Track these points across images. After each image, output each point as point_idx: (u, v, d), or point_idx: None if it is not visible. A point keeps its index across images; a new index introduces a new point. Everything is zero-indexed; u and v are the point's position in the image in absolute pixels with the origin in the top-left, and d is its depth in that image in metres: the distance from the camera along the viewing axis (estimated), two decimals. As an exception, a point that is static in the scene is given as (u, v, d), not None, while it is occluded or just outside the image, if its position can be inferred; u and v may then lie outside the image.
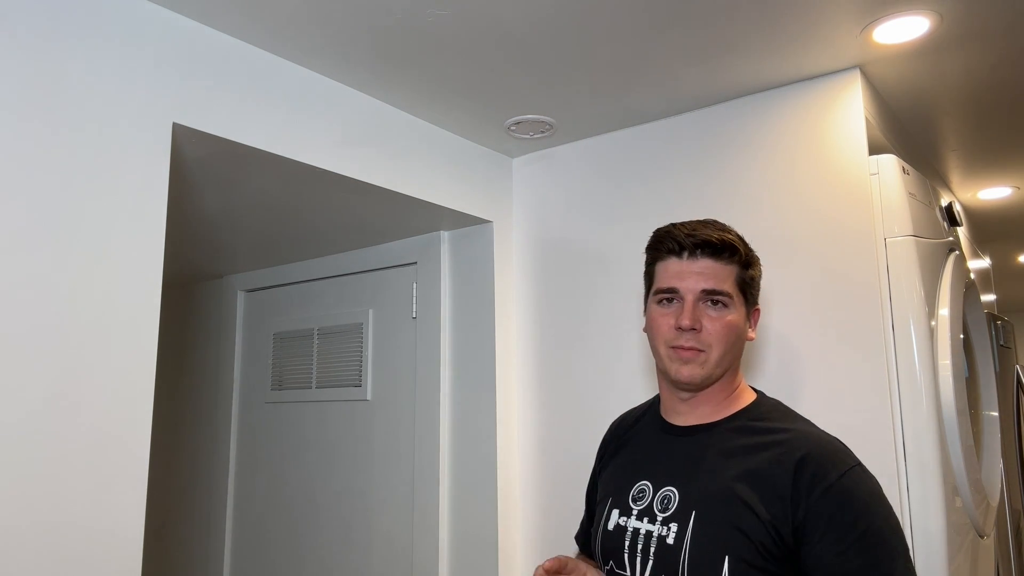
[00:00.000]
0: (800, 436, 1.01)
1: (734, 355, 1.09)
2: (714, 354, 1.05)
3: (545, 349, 2.04)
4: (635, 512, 1.08)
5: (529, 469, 2.03)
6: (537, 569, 1.06)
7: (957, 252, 1.87)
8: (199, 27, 1.40)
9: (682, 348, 1.06)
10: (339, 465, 2.30)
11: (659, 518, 1.04)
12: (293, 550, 2.39)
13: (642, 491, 1.10)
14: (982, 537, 1.73)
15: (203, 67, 1.39)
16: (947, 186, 2.64)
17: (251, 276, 2.68)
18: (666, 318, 1.08)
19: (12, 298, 1.09)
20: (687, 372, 1.05)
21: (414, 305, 2.18)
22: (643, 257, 1.88)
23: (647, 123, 1.93)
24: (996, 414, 2.01)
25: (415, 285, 2.19)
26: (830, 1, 1.37)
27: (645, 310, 1.15)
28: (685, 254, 1.08)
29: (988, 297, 2.85)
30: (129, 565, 1.19)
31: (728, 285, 1.06)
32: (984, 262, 3.04)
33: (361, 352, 2.30)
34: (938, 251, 1.72)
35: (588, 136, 2.02)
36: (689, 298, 1.06)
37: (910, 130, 2.07)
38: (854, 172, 1.61)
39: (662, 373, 1.12)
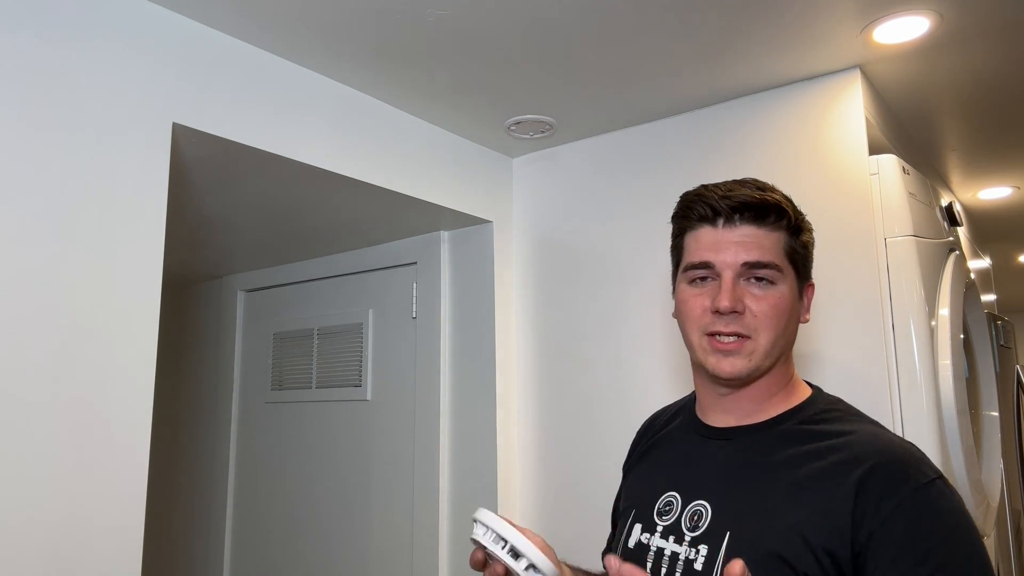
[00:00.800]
0: (864, 441, 0.82)
1: (786, 341, 0.90)
2: (762, 341, 0.86)
3: (545, 349, 2.04)
4: (660, 529, 0.91)
5: (529, 469, 2.03)
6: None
7: (957, 252, 1.87)
8: (199, 27, 1.40)
9: (722, 335, 0.87)
10: (339, 465, 2.30)
11: (687, 538, 0.87)
12: (293, 550, 2.39)
13: (669, 504, 0.93)
14: (982, 537, 1.73)
15: (203, 67, 1.39)
16: (947, 186, 2.64)
17: (251, 276, 2.68)
18: (700, 299, 0.89)
19: (12, 298, 1.09)
20: (729, 366, 0.87)
21: (414, 305, 2.18)
22: (644, 256, 1.89)
23: (647, 123, 1.93)
24: (996, 414, 2.01)
25: (415, 285, 2.19)
26: (830, 1, 1.36)
27: (674, 291, 0.96)
28: (720, 220, 0.89)
29: (988, 297, 2.85)
30: (129, 565, 1.19)
31: (775, 255, 0.88)
32: (984, 262, 3.04)
33: (361, 352, 2.30)
34: (938, 251, 1.72)
35: (588, 136, 2.02)
36: (728, 274, 0.87)
37: (910, 130, 2.07)
38: (854, 172, 1.61)
39: (697, 366, 0.94)
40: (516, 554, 0.79)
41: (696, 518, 0.88)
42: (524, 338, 2.09)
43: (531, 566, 0.79)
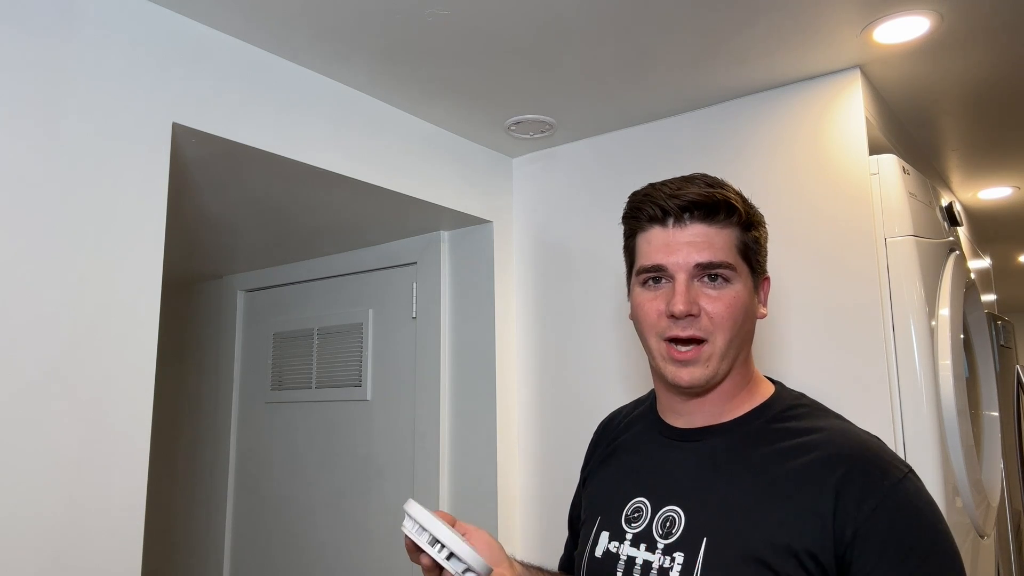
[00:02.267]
0: (837, 438, 0.82)
1: (743, 339, 0.89)
2: (719, 343, 0.85)
3: (545, 348, 2.04)
4: (629, 536, 0.88)
5: (529, 469, 2.03)
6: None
7: (957, 252, 1.87)
8: (200, 27, 1.40)
9: (679, 342, 0.86)
10: (339, 465, 2.30)
11: (660, 545, 0.85)
12: (293, 550, 2.39)
13: (638, 511, 0.90)
14: (982, 537, 1.73)
15: (203, 67, 1.39)
16: (947, 186, 2.64)
17: (251, 276, 2.68)
18: (654, 303, 0.88)
19: (11, 298, 1.09)
20: (687, 376, 0.86)
21: (414, 305, 2.18)
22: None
23: (647, 123, 1.93)
24: (996, 414, 2.01)
25: (415, 285, 2.19)
26: (830, 1, 1.36)
27: (629, 293, 0.94)
28: (671, 220, 0.88)
29: (988, 297, 2.85)
30: (129, 565, 1.19)
31: (727, 254, 0.87)
32: (984, 262, 3.04)
33: (361, 352, 2.30)
34: (938, 251, 1.72)
35: (588, 136, 2.02)
36: (681, 276, 0.86)
37: (910, 130, 2.07)
38: (854, 172, 1.61)
39: (656, 371, 0.93)
40: (439, 544, 0.83)
41: (668, 524, 0.86)
42: (524, 338, 2.09)
43: (452, 555, 0.82)
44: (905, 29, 1.47)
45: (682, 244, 0.87)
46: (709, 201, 0.87)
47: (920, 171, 1.90)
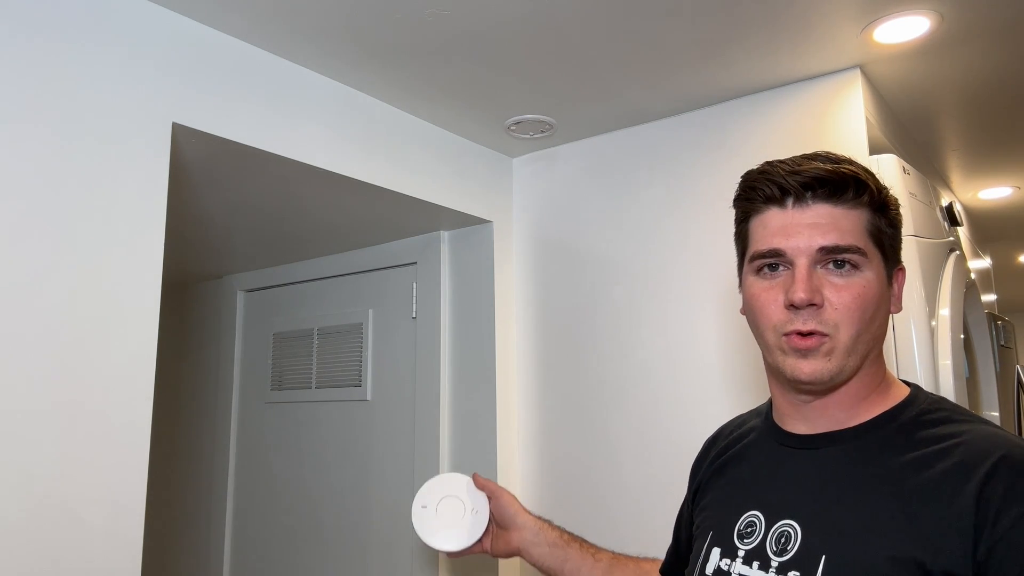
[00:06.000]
0: (979, 444, 0.71)
1: (873, 335, 0.78)
2: (843, 336, 0.75)
3: (545, 349, 2.04)
4: (742, 554, 0.80)
5: (529, 469, 2.02)
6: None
7: (958, 252, 1.87)
8: (199, 27, 1.40)
9: (798, 335, 0.76)
10: (339, 465, 2.30)
11: (774, 563, 0.76)
12: (293, 550, 2.39)
13: (751, 525, 0.81)
14: None
15: (203, 67, 1.39)
16: (947, 186, 2.64)
17: (251, 276, 2.68)
18: (771, 293, 0.78)
19: (11, 299, 1.09)
20: (808, 369, 0.76)
21: (414, 305, 2.18)
22: (644, 256, 1.89)
23: (647, 123, 1.93)
24: (996, 414, 2.01)
25: (415, 285, 2.19)
26: (830, 1, 1.36)
27: (740, 284, 0.85)
28: (790, 200, 0.78)
29: (989, 297, 2.85)
30: (129, 565, 1.19)
31: (857, 237, 0.76)
32: (985, 262, 3.04)
33: (361, 352, 2.30)
34: (939, 251, 1.72)
35: (588, 136, 2.02)
36: (802, 262, 0.76)
37: (910, 130, 2.07)
38: (854, 172, 1.61)
39: (772, 369, 0.84)
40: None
41: (783, 540, 0.77)
42: (524, 338, 2.09)
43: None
44: (905, 29, 1.47)
45: (803, 226, 0.76)
46: (835, 177, 0.76)
47: (920, 171, 1.90)
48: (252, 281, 2.68)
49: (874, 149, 1.70)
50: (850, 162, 0.79)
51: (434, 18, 1.39)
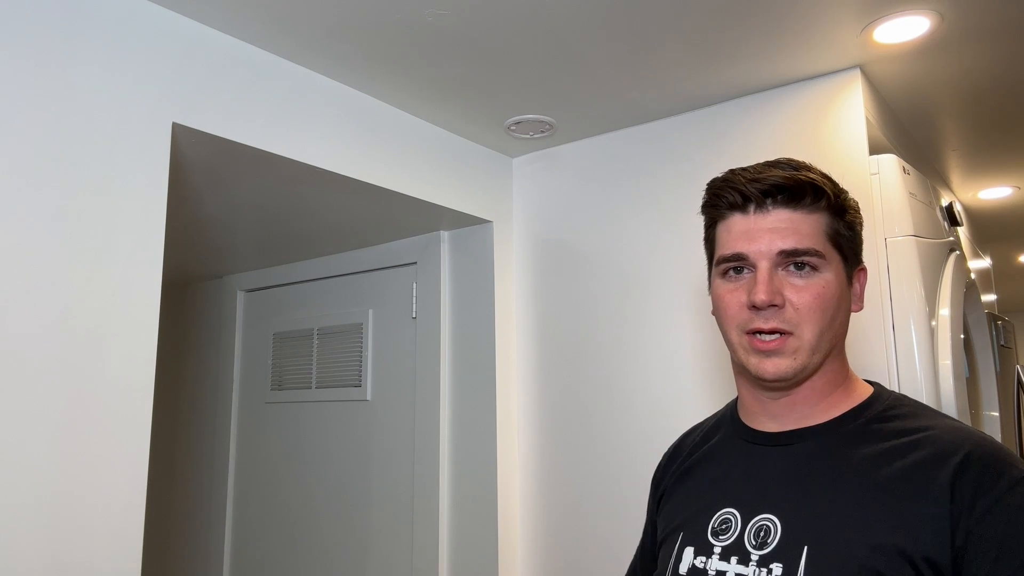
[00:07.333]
0: (949, 434, 0.75)
1: (835, 333, 0.82)
2: (806, 335, 0.79)
3: (545, 349, 2.04)
4: (718, 550, 0.82)
5: (529, 469, 2.03)
6: None
7: (958, 252, 1.87)
8: (199, 27, 1.40)
9: (762, 333, 0.80)
10: (339, 465, 2.30)
11: (754, 557, 0.78)
12: (293, 550, 2.39)
13: (726, 522, 0.83)
14: None
15: (203, 67, 1.39)
16: (947, 186, 2.64)
17: (251, 276, 2.68)
18: (735, 294, 0.83)
19: (12, 299, 1.09)
20: (772, 367, 0.80)
21: (414, 305, 2.18)
22: (644, 256, 1.89)
23: (647, 123, 1.93)
24: (996, 414, 2.01)
25: (415, 285, 2.19)
26: (830, 1, 1.36)
27: (710, 287, 0.89)
28: (751, 206, 0.82)
29: (989, 297, 2.85)
30: (129, 565, 1.19)
31: (815, 240, 0.80)
32: (985, 262, 3.04)
33: (361, 352, 2.30)
34: (939, 251, 1.72)
35: (588, 136, 2.02)
36: (763, 264, 0.80)
37: (910, 130, 2.07)
38: (854, 172, 1.61)
39: (739, 368, 0.87)
40: None
41: (763, 534, 0.79)
42: (524, 338, 2.09)
43: None
44: (905, 29, 1.47)
45: (764, 231, 0.81)
46: (793, 184, 0.80)
47: (920, 171, 1.90)
48: (252, 281, 2.68)
49: (874, 149, 1.70)
50: (809, 169, 0.83)
51: (434, 19, 1.39)
